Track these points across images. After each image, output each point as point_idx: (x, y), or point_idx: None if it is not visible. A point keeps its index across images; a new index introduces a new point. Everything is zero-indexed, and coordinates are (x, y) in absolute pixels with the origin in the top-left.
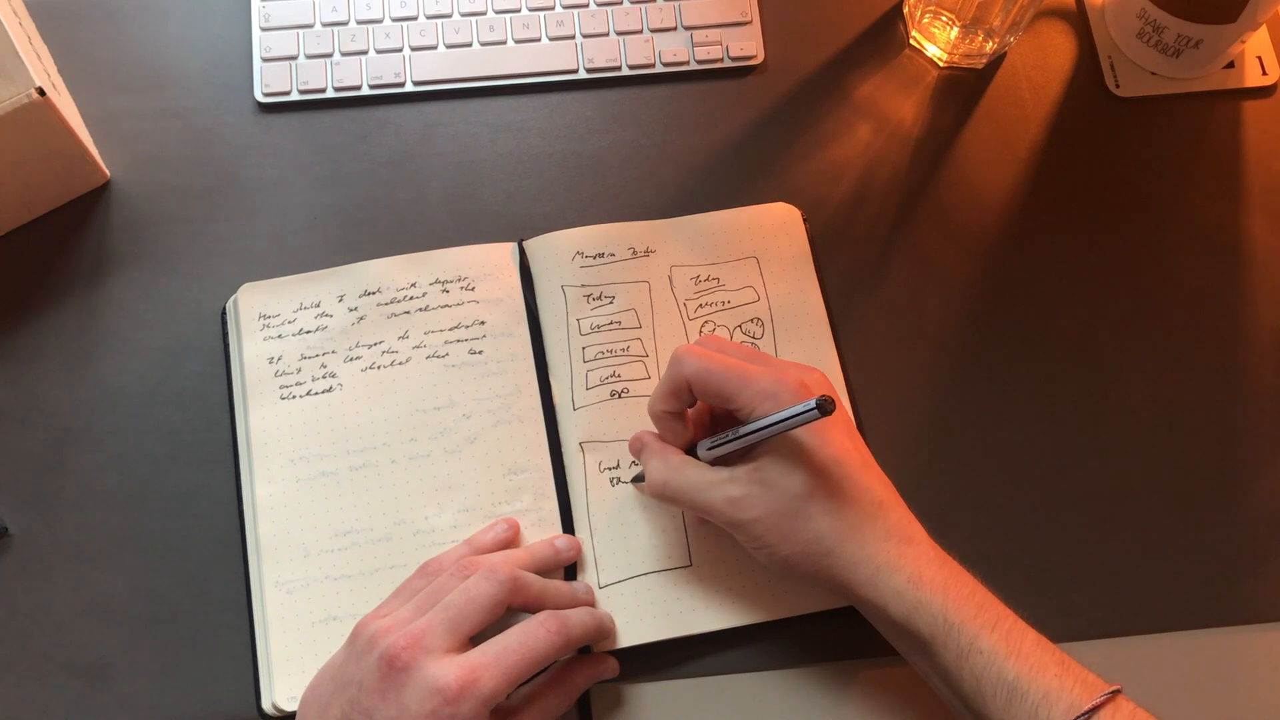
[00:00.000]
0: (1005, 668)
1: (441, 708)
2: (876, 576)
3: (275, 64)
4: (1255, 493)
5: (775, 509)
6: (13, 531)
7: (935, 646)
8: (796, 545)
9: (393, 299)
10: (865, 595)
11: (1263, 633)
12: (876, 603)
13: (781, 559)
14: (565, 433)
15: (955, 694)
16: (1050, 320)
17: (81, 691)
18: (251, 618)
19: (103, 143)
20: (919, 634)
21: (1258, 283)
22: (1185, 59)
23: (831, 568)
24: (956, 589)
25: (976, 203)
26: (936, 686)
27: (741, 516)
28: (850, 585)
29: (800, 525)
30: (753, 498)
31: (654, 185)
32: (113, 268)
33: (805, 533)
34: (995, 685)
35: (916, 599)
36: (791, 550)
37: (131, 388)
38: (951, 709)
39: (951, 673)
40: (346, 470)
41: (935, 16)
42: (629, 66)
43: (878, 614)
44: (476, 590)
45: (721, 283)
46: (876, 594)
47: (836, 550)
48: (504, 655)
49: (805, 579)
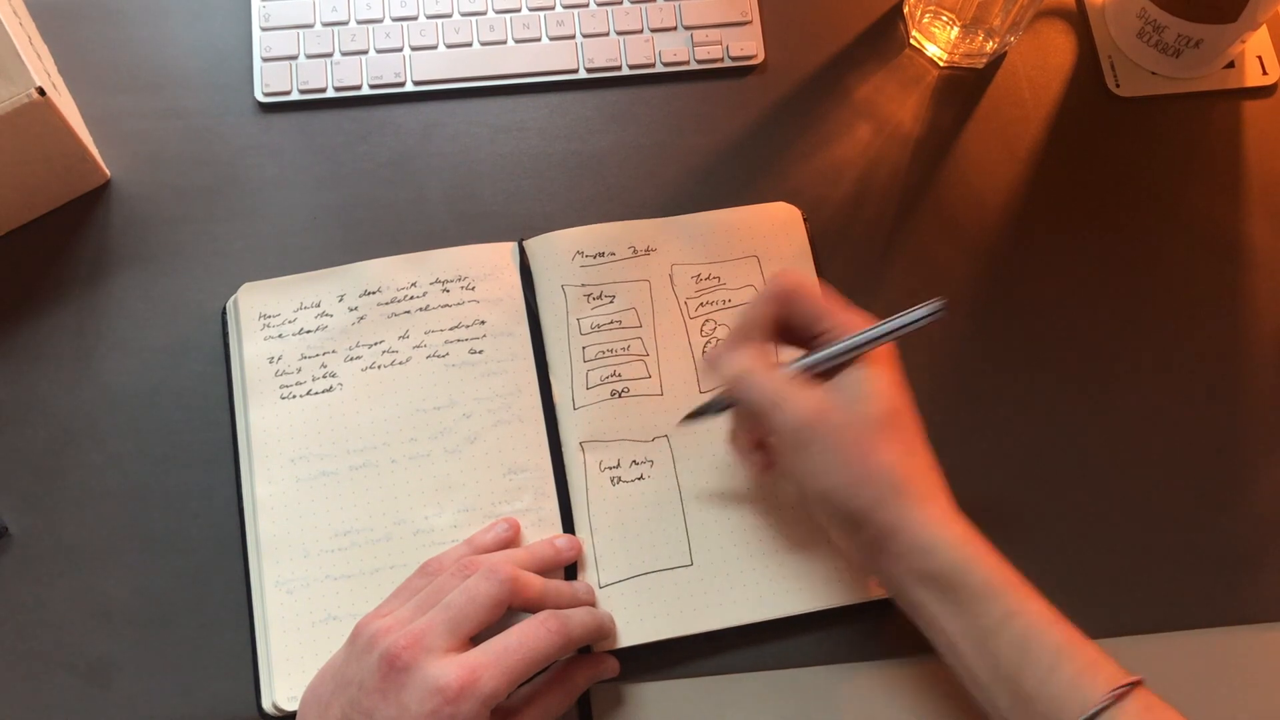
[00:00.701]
0: (1053, 631)
1: (442, 707)
2: (931, 523)
3: (275, 64)
4: (1255, 493)
5: (852, 428)
6: (13, 531)
7: (983, 603)
8: (856, 473)
9: (393, 299)
10: (915, 539)
11: (1263, 633)
12: (926, 548)
13: (829, 486)
14: (565, 432)
15: (987, 655)
16: (1050, 320)
17: (82, 691)
18: (252, 617)
19: (103, 142)
20: (967, 587)
21: (1258, 282)
22: (1185, 59)
23: (886, 503)
24: (999, 558)
25: (977, 202)
26: (961, 650)
27: (815, 428)
28: (900, 528)
29: (869, 453)
30: (832, 412)
31: (654, 185)
32: (113, 267)
33: (872, 462)
34: (1041, 647)
35: (973, 552)
36: (848, 478)
37: (132, 387)
38: (968, 678)
39: (992, 633)
40: (347, 470)
41: (935, 16)
42: (629, 66)
43: (920, 563)
44: (477, 590)
45: (723, 281)
46: (929, 539)
47: (901, 487)
48: (504, 655)
49: (842, 517)
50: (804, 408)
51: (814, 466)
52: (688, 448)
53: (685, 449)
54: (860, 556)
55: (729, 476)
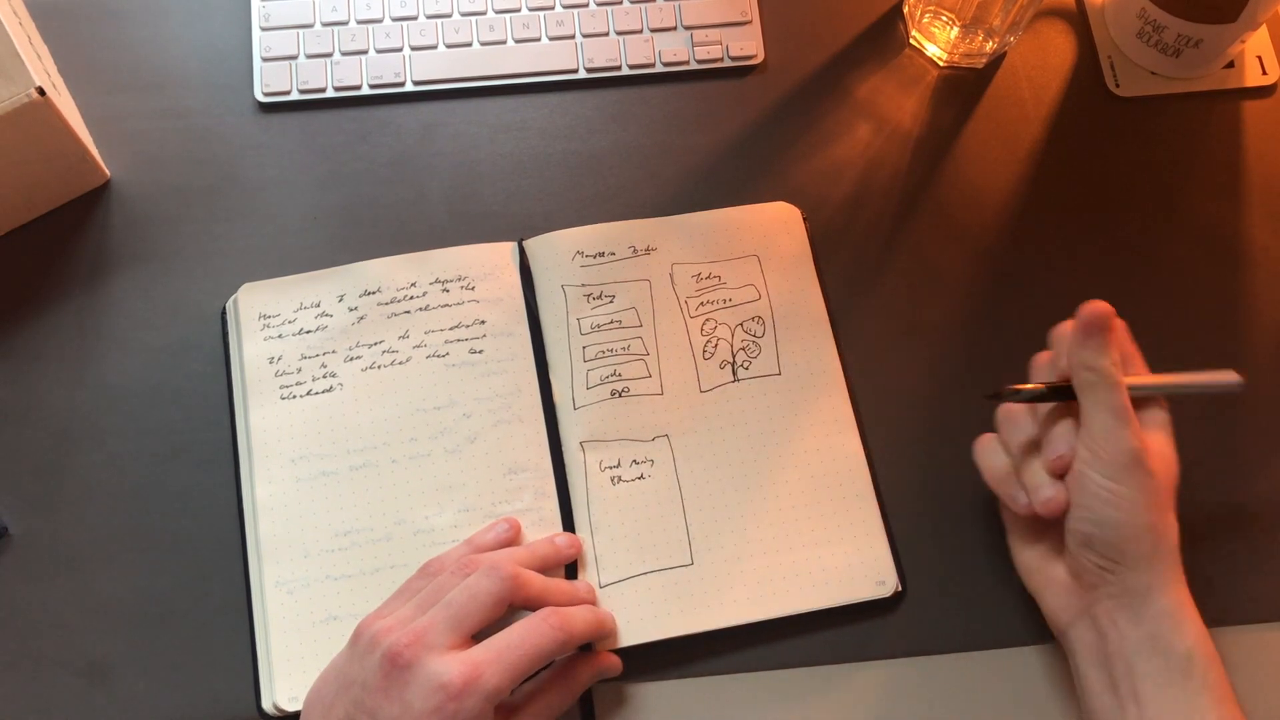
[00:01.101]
0: None
1: (445, 704)
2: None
3: (275, 64)
4: (1255, 493)
5: (1158, 481)
6: (13, 531)
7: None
8: (1149, 521)
9: (393, 299)
10: (1171, 608)
11: (1263, 633)
12: (1178, 623)
13: (1121, 520)
14: (566, 432)
15: None
16: (1050, 320)
17: (81, 691)
18: (252, 618)
19: (103, 142)
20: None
21: (1257, 282)
22: (1185, 58)
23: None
24: None
25: (976, 202)
26: None
27: (1141, 464)
28: (1162, 591)
29: (1165, 510)
30: (1153, 458)
31: (654, 185)
32: (113, 267)
33: (1165, 520)
34: None
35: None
36: (1142, 522)
37: (132, 387)
38: None
39: None
40: (347, 470)
41: (935, 16)
42: (629, 66)
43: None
44: (478, 587)
45: (723, 280)
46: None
47: (1175, 554)
48: (506, 651)
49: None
50: (1140, 441)
51: (1119, 497)
52: (688, 448)
53: (686, 449)
54: (1077, 598)
55: (730, 476)
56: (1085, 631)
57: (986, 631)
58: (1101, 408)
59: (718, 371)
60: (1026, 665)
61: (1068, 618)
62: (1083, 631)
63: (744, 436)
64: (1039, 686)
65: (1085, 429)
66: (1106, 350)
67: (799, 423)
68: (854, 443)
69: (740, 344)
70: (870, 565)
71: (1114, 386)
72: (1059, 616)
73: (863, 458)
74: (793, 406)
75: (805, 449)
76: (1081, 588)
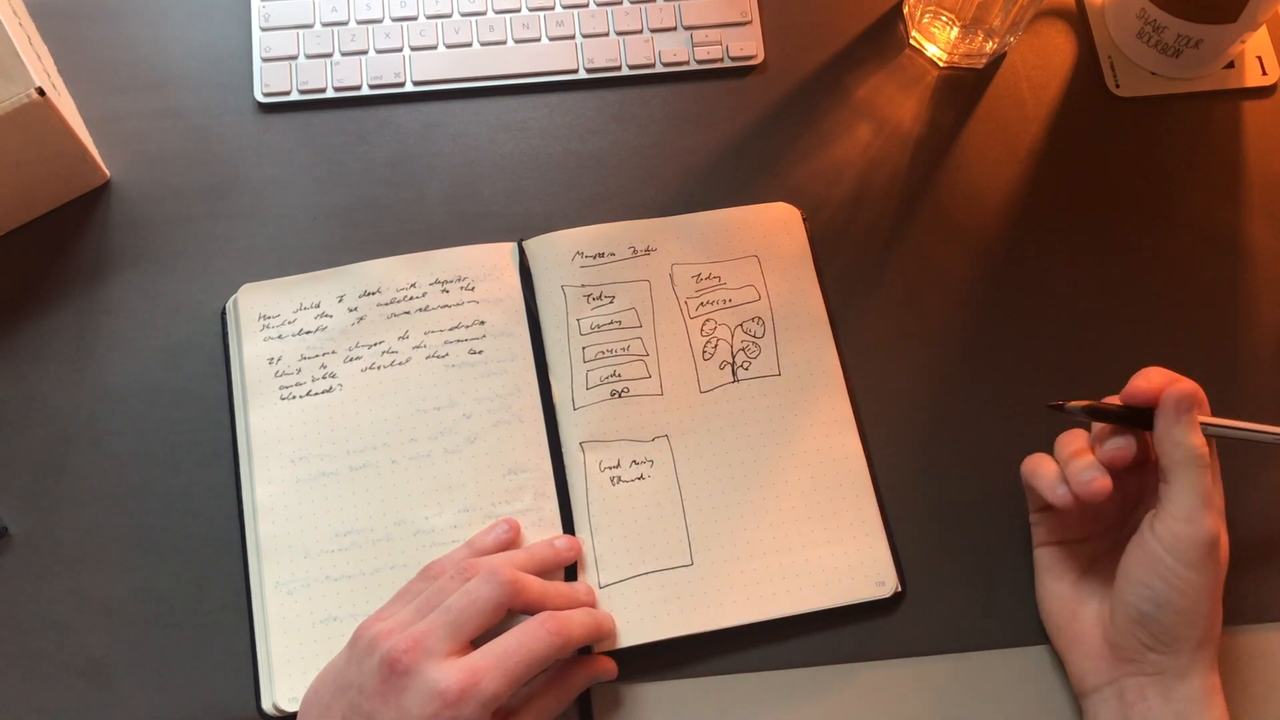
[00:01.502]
0: None
1: (442, 711)
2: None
3: (275, 64)
4: (1255, 493)
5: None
6: (13, 531)
7: None
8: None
9: (392, 299)
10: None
11: (1263, 633)
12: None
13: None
14: (565, 432)
15: None
16: (1049, 320)
17: (81, 691)
18: (252, 618)
19: (102, 142)
20: None
21: (1257, 282)
22: (1185, 59)
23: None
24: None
25: (976, 202)
26: None
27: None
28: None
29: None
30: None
31: (654, 185)
32: (113, 268)
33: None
34: None
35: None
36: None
37: (131, 388)
38: None
39: None
40: (347, 470)
41: (935, 16)
42: (629, 66)
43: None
44: (477, 593)
45: (723, 281)
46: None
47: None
48: (505, 657)
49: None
50: (1219, 529)
51: (1188, 584)
52: (688, 448)
53: (685, 449)
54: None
55: (729, 476)
56: (1111, 700)
57: (986, 632)
58: (1188, 489)
59: (717, 372)
60: (1026, 665)
61: (1094, 682)
62: (1108, 699)
63: (744, 437)
64: (1039, 686)
65: (1166, 510)
66: (1197, 428)
67: (799, 423)
68: (854, 443)
69: (740, 344)
70: (870, 565)
71: (1204, 470)
72: (1085, 680)
73: (862, 458)
74: (792, 407)
75: (805, 449)
76: (1116, 659)
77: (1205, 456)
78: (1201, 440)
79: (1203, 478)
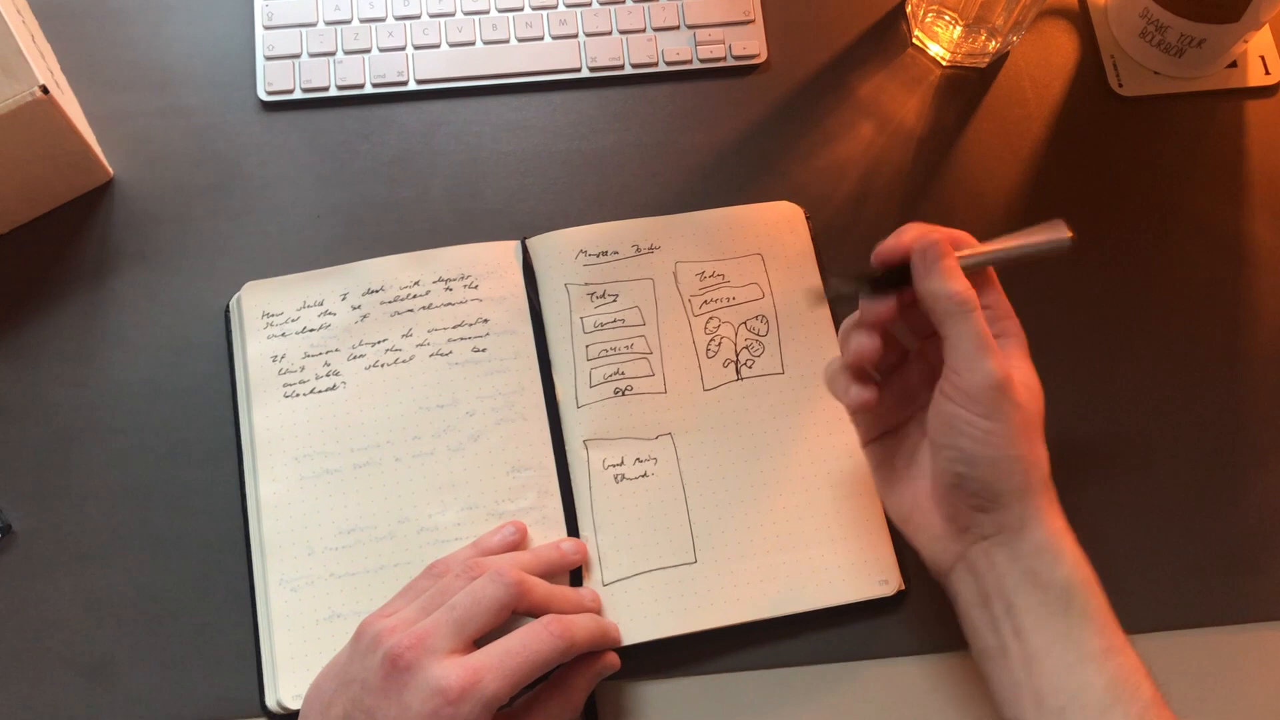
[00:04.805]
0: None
1: (443, 708)
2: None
3: (278, 62)
4: (1255, 492)
5: (1025, 412)
6: (16, 529)
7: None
8: (1018, 454)
9: (396, 297)
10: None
11: (1263, 632)
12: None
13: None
14: (569, 430)
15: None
16: (1051, 319)
17: (85, 689)
18: (255, 615)
19: (106, 141)
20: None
21: (1259, 281)
22: (1188, 58)
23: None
24: None
25: (979, 202)
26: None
27: (1006, 395)
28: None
29: (1035, 443)
30: (1019, 389)
31: (657, 184)
32: (116, 266)
33: (1034, 453)
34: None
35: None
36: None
37: (135, 386)
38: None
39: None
40: (350, 468)
41: (938, 16)
42: (632, 65)
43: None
44: (482, 593)
45: (727, 279)
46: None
47: (1046, 486)
48: (507, 658)
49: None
50: (1005, 370)
51: (985, 430)
52: (691, 446)
53: (689, 447)
54: (953, 541)
55: (733, 474)
56: (965, 575)
57: None
58: (962, 338)
59: (721, 370)
60: None
61: (947, 562)
62: (962, 574)
63: (747, 435)
64: None
65: (949, 364)
66: (955, 273)
67: (802, 421)
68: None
69: (744, 342)
70: (873, 564)
71: (970, 314)
72: (938, 562)
73: None
74: (796, 405)
75: (808, 447)
76: (956, 530)
77: (969, 300)
78: (961, 285)
79: (971, 323)
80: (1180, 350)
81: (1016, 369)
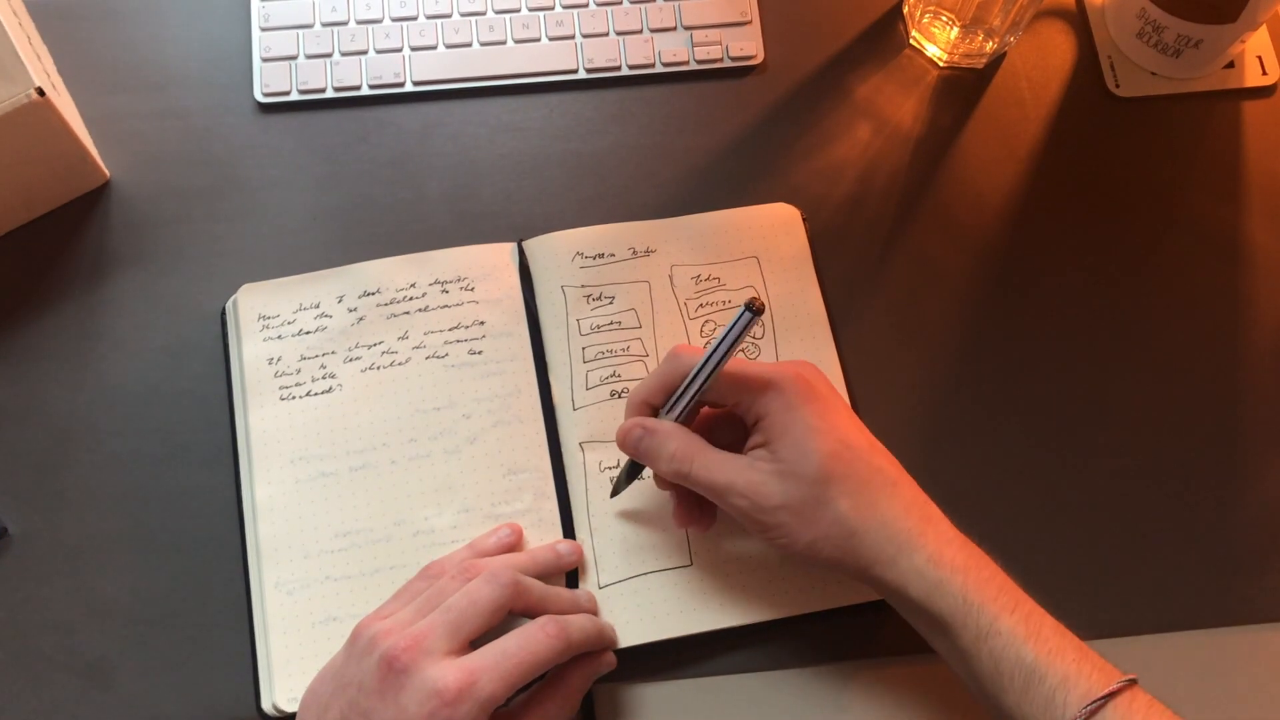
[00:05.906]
0: (1024, 650)
1: (439, 710)
2: (898, 556)
3: (275, 64)
4: (1255, 493)
5: (795, 495)
6: (12, 532)
7: (954, 627)
8: (819, 530)
9: (392, 299)
10: (887, 576)
11: (1263, 633)
12: (897, 583)
13: (804, 546)
14: (565, 433)
15: (972, 676)
16: (1049, 320)
17: (81, 691)
18: (251, 618)
19: (102, 143)
20: (938, 614)
21: (1257, 282)
22: (1185, 59)
23: (855, 549)
24: (976, 570)
25: (976, 202)
26: (955, 668)
27: (764, 504)
28: (872, 566)
29: (821, 510)
30: (771, 485)
31: (654, 185)
32: (112, 268)
33: (826, 517)
34: (1013, 667)
35: (937, 578)
36: (814, 535)
37: (131, 388)
38: (970, 692)
39: (970, 654)
40: (346, 471)
41: (935, 16)
42: (629, 66)
43: (899, 595)
44: (478, 594)
45: (722, 282)
46: (898, 574)
47: (859, 531)
48: (503, 659)
49: (827, 565)
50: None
51: (776, 534)
52: None
53: None
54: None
55: None
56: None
57: None
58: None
59: None
60: None
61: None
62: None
63: None
64: None
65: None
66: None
67: None
68: None
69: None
70: None
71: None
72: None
73: None
74: None
75: None
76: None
77: (683, 466)
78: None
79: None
80: (1178, 350)
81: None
